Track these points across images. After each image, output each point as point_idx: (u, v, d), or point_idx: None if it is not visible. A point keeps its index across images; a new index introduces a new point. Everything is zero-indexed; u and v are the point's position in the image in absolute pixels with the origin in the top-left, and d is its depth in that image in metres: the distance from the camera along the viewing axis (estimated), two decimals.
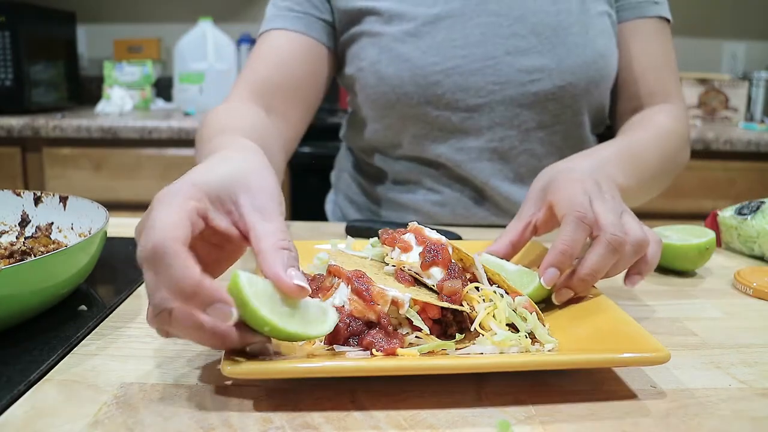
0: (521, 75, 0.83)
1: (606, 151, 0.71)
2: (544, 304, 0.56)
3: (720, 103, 2.19)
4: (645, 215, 1.17)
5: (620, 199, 0.59)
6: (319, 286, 0.50)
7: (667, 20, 0.90)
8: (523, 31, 0.83)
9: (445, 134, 0.87)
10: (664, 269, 0.70)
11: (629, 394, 0.43)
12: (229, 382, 0.44)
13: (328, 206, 1.12)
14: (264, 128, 0.73)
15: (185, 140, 1.80)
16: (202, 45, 2.13)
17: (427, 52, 0.83)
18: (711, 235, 0.68)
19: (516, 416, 0.40)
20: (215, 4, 2.42)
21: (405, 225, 0.53)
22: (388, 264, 0.51)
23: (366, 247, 0.57)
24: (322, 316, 0.43)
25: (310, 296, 0.49)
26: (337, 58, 0.91)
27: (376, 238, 0.56)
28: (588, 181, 0.57)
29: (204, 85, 2.14)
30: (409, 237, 0.50)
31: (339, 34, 0.89)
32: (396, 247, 0.51)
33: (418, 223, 0.51)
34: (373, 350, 0.43)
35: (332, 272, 0.48)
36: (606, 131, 0.99)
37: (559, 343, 0.47)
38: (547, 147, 0.88)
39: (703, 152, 1.85)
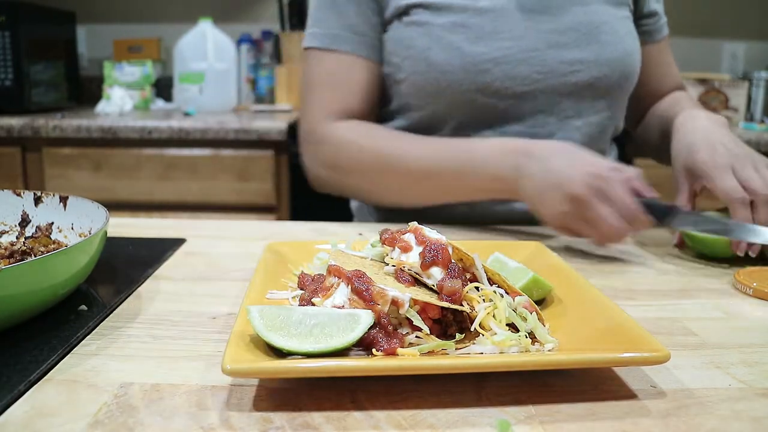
0: (563, 66, 0.89)
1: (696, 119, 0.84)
2: (542, 303, 0.56)
3: (720, 103, 2.19)
4: None
5: (744, 145, 0.77)
6: (319, 287, 0.50)
7: None
8: (561, 27, 0.89)
9: (489, 120, 0.90)
10: (703, 256, 0.75)
11: (629, 394, 0.43)
12: (229, 382, 0.44)
13: (354, 204, 1.12)
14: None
15: (185, 140, 1.80)
16: (202, 45, 2.13)
17: (476, 42, 0.87)
18: None
19: (516, 416, 0.40)
20: (215, 4, 2.42)
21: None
22: (388, 264, 0.51)
23: (366, 247, 0.57)
24: (351, 325, 0.43)
25: (308, 297, 0.49)
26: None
27: (376, 238, 0.56)
28: (720, 151, 0.75)
29: (204, 85, 2.14)
30: (409, 237, 0.50)
31: (385, 27, 0.93)
32: (396, 247, 0.51)
33: (418, 223, 0.52)
34: (373, 350, 0.43)
35: (332, 272, 0.48)
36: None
37: (559, 343, 0.47)
38: (583, 138, 0.92)
39: None
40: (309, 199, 1.87)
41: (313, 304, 0.47)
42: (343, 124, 0.91)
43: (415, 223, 0.52)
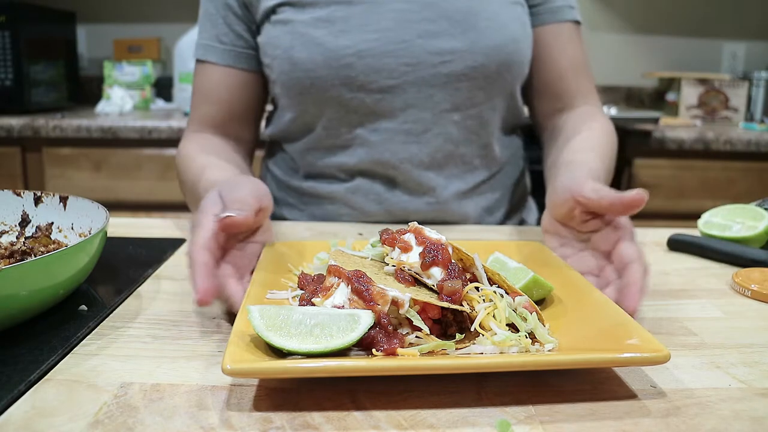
0: (433, 57, 0.85)
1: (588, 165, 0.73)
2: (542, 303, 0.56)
3: (720, 103, 2.19)
4: (645, 215, 1.17)
5: None
6: (319, 287, 0.50)
7: (579, 23, 0.94)
8: (434, 16, 0.85)
9: (359, 117, 0.88)
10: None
11: (629, 394, 0.43)
12: (229, 382, 0.44)
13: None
14: (228, 152, 0.89)
15: None
16: None
17: (339, 36, 0.84)
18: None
19: (516, 416, 0.40)
20: None
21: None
22: (388, 264, 0.51)
23: (366, 247, 0.57)
24: (351, 325, 0.43)
25: (308, 297, 0.49)
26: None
27: (376, 238, 0.56)
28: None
29: None
30: (409, 237, 0.50)
31: (257, 30, 0.91)
32: (396, 247, 0.51)
33: (418, 223, 0.52)
34: (373, 350, 0.43)
35: (332, 272, 0.48)
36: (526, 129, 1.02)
37: (559, 343, 0.47)
38: (462, 131, 0.90)
39: (703, 152, 1.85)
40: None
41: (313, 304, 0.47)
42: (193, 142, 0.90)
43: (416, 223, 0.52)
